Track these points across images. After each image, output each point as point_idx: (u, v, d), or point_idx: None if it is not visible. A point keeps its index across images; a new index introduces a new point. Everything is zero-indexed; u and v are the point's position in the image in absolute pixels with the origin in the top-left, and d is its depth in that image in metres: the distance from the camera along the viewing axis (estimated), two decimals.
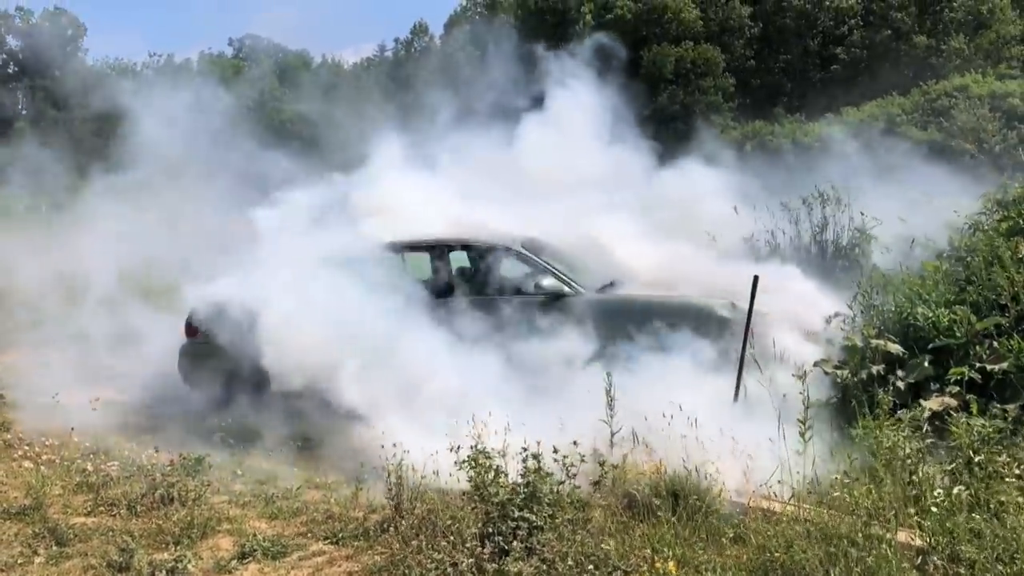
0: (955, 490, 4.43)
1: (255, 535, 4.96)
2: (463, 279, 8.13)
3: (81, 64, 68.78)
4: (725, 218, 10.66)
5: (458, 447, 5.00)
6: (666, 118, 40.92)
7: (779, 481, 5.21)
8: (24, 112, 64.53)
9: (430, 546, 4.45)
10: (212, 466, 6.10)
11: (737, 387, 6.56)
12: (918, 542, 4.44)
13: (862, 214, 10.01)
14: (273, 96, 42.61)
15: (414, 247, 8.29)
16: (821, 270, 9.58)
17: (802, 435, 5.45)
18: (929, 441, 5.40)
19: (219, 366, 8.01)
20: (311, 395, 7.50)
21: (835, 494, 4.64)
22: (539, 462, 4.98)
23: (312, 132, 16.32)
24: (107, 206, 13.98)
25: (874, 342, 6.49)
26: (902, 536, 4.41)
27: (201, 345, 8.16)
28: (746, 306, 6.86)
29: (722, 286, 7.63)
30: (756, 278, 6.74)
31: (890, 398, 5.56)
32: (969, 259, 7.66)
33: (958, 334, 6.54)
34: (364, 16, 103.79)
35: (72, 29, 70.31)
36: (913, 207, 12.86)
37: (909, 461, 5.11)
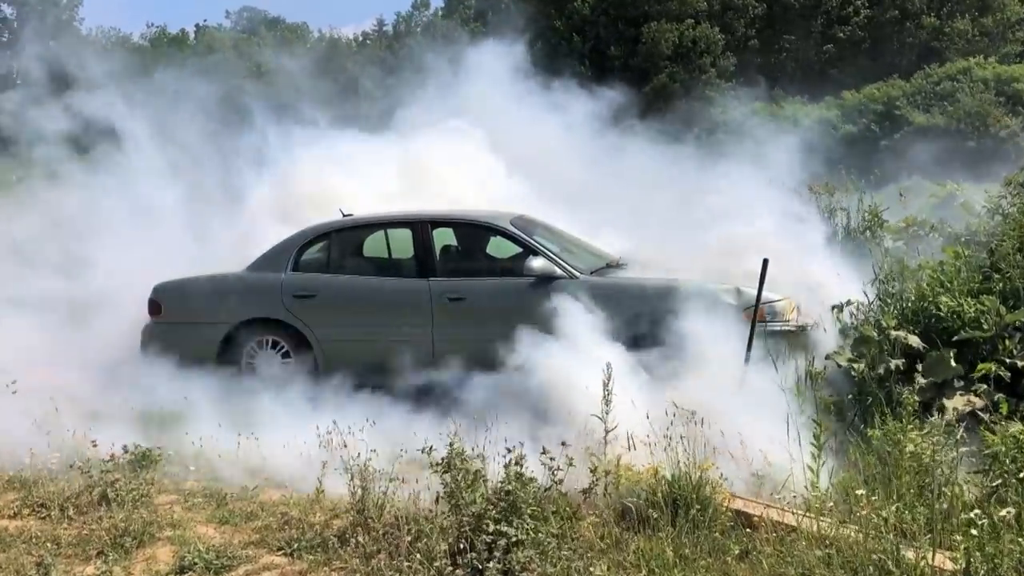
0: (1003, 512, 3.85)
1: (199, 544, 4.37)
2: (447, 259, 7.53)
3: (76, 34, 68.09)
4: (728, 200, 10.13)
5: (430, 447, 4.43)
6: (665, 96, 40.22)
7: (794, 495, 4.65)
8: (19, 82, 63.78)
9: (393, 565, 3.88)
10: (164, 459, 5.51)
11: (749, 349, 6.02)
12: (949, 565, 3.89)
13: (867, 196, 9.46)
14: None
15: (393, 224, 7.70)
16: (829, 255, 9.04)
17: (816, 438, 4.90)
18: (964, 450, 4.84)
19: (185, 345, 7.47)
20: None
21: (860, 511, 4.05)
22: (521, 466, 4.41)
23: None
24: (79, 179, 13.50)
25: (894, 334, 5.91)
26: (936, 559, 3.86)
27: (166, 324, 7.60)
28: (752, 291, 6.32)
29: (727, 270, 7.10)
30: (766, 261, 6.17)
31: (915, 398, 4.99)
32: (994, 245, 7.08)
33: (985, 326, 5.97)
34: None
35: None
36: (920, 191, 12.30)
37: (940, 472, 4.57)
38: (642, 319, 6.58)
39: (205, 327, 7.43)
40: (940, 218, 9.24)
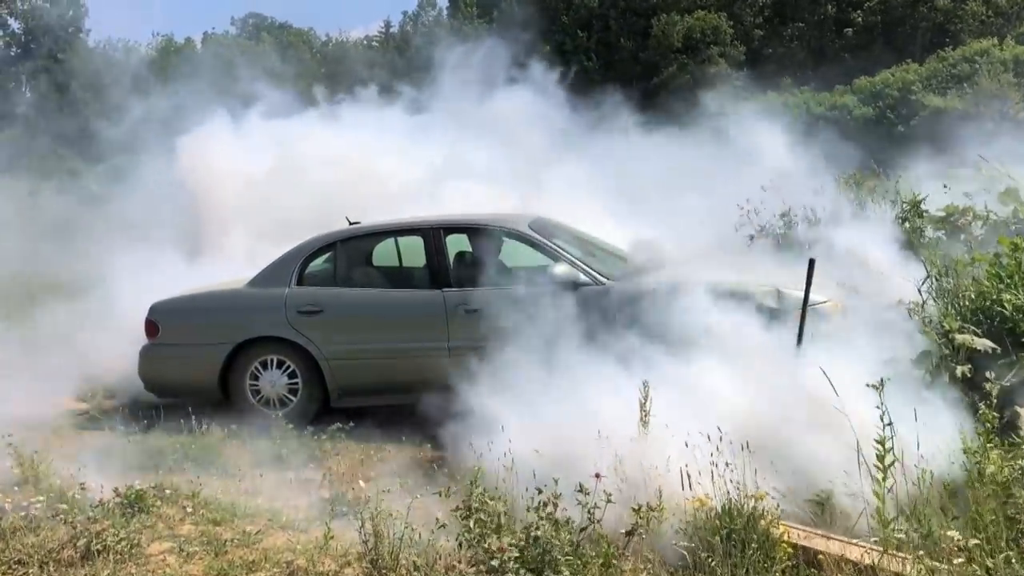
0: None
1: None
2: (462, 267, 7.00)
3: (83, 46, 68.04)
4: (755, 194, 9.60)
5: (448, 489, 3.91)
6: (676, 88, 39.61)
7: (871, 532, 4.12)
8: (28, 95, 63.75)
9: None
10: (159, 501, 5.02)
11: (800, 332, 5.49)
12: None
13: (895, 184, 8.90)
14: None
15: (403, 231, 7.18)
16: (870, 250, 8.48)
17: (880, 459, 4.36)
18: None
19: (184, 368, 7.02)
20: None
21: (956, 561, 3.51)
22: (555, 506, 3.90)
23: None
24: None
25: (959, 337, 5.36)
26: None
27: (164, 346, 7.11)
28: (794, 292, 5.80)
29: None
30: (812, 261, 5.62)
31: (993, 413, 4.44)
32: None
33: None
34: None
35: (73, 10, 69.28)
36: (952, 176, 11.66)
37: None
38: (672, 326, 6.05)
39: (205, 348, 6.93)
40: (984, 205, 8.65)
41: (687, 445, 4.79)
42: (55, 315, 10.91)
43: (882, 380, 4.49)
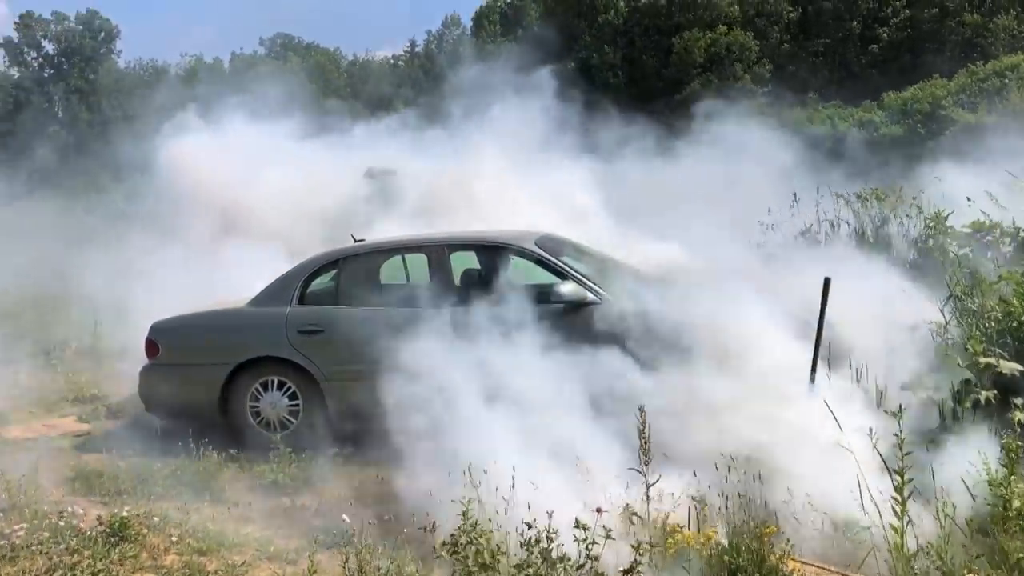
0: None
1: None
2: (466, 285, 6.80)
3: (114, 66, 69.03)
4: (778, 210, 9.39)
5: (432, 525, 3.70)
6: (699, 104, 39.37)
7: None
8: (60, 115, 64.72)
9: None
10: (145, 529, 4.85)
11: (814, 368, 5.22)
12: None
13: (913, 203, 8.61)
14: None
15: (406, 248, 7.01)
16: (888, 267, 8.21)
17: (898, 490, 4.11)
18: None
19: (184, 389, 6.86)
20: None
21: None
22: (550, 541, 3.68)
23: None
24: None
25: (983, 360, 5.08)
26: None
27: (164, 367, 6.97)
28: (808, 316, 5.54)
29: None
30: (827, 280, 5.37)
31: (1018, 443, 4.17)
32: None
33: None
34: (399, 14, 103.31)
35: (105, 31, 70.36)
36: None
37: None
38: (680, 347, 5.82)
39: (205, 368, 6.77)
40: (1012, 221, 8.34)
41: (695, 474, 4.59)
42: (69, 330, 10.91)
43: (900, 407, 4.24)
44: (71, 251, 16.26)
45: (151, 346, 6.96)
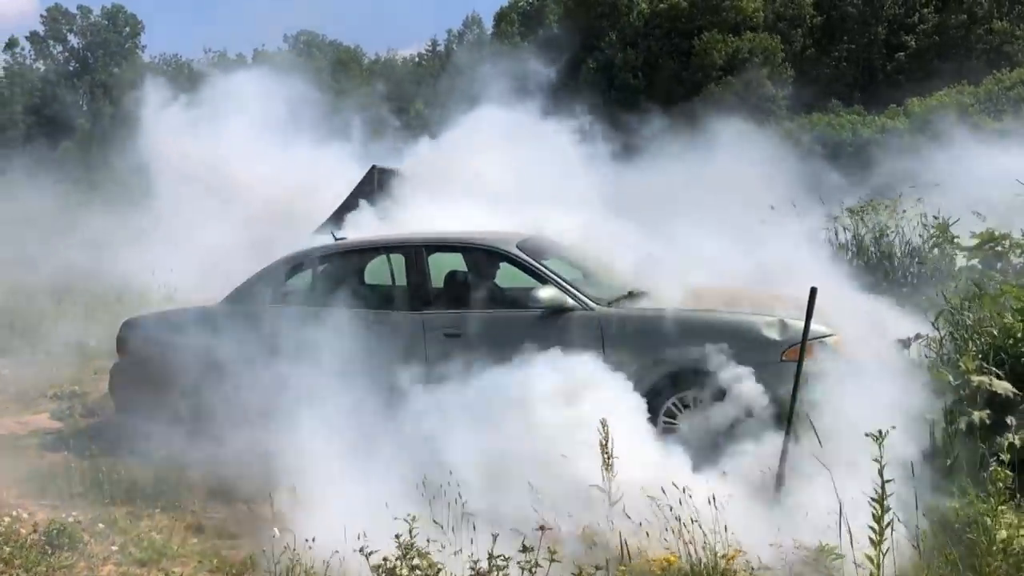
0: None
1: None
2: (444, 288, 6.57)
3: (138, 61, 69.39)
4: (774, 218, 9.07)
5: (366, 551, 3.46)
6: (717, 108, 39.01)
7: None
8: (85, 109, 65.20)
9: None
10: (89, 536, 4.64)
11: (799, 367, 4.87)
12: None
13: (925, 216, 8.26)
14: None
15: (384, 248, 6.79)
16: (886, 278, 7.92)
17: (876, 520, 3.84)
18: None
19: (153, 388, 6.66)
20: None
21: None
22: (498, 568, 3.44)
23: None
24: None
25: (976, 379, 4.78)
26: None
27: (133, 365, 6.78)
28: (800, 324, 5.24)
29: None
30: (814, 290, 5.08)
31: (1007, 471, 3.88)
32: None
33: None
34: (422, 13, 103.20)
35: (130, 26, 70.90)
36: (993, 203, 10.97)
37: None
38: (664, 360, 5.57)
39: (175, 367, 6.56)
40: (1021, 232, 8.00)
41: (664, 492, 4.32)
42: (61, 324, 10.77)
43: (881, 431, 3.96)
44: (78, 243, 16.20)
45: (121, 344, 6.78)
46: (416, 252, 6.40)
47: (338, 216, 9.46)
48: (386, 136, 16.01)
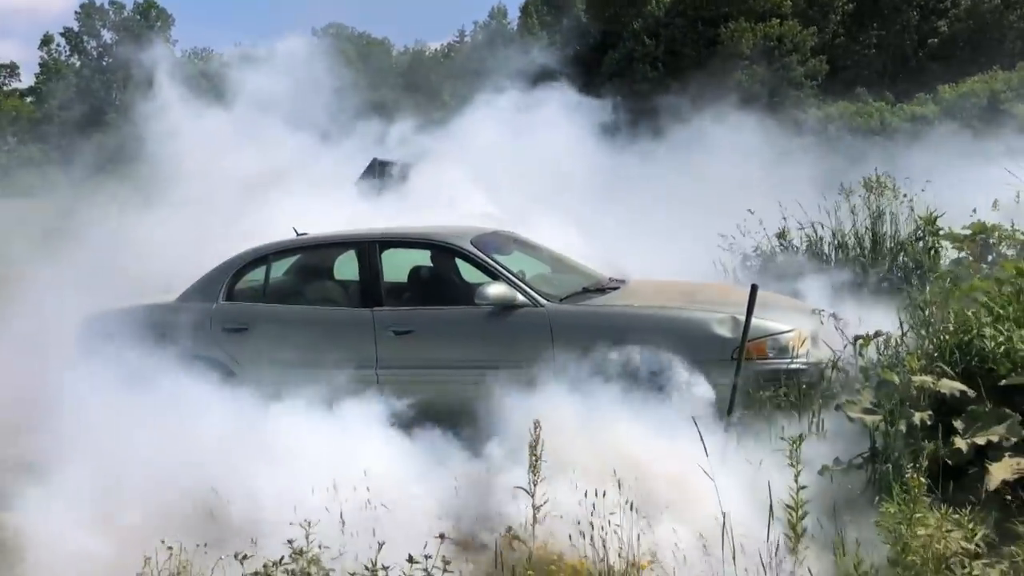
0: None
1: None
2: (397, 284, 6.48)
3: (170, 54, 70.13)
4: (764, 212, 8.86)
5: (242, 555, 3.37)
6: (747, 98, 38.48)
7: None
8: (117, 102, 66.09)
9: None
10: None
11: (730, 409, 4.79)
12: None
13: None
14: None
15: (336, 244, 6.70)
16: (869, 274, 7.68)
17: (793, 527, 3.69)
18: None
19: None
20: None
21: None
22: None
23: None
24: None
25: (917, 379, 4.58)
26: None
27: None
28: (755, 321, 5.10)
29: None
30: (754, 287, 4.94)
31: (922, 479, 3.69)
32: None
33: None
34: (451, 4, 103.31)
35: (161, 20, 71.74)
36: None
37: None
38: (610, 358, 5.43)
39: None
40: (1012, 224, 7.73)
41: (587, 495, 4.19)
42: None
43: (800, 435, 3.81)
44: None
45: (81, 340, 6.75)
46: (369, 248, 6.30)
47: None
48: (407, 126, 15.88)
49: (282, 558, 3.37)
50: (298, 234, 6.99)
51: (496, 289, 5.79)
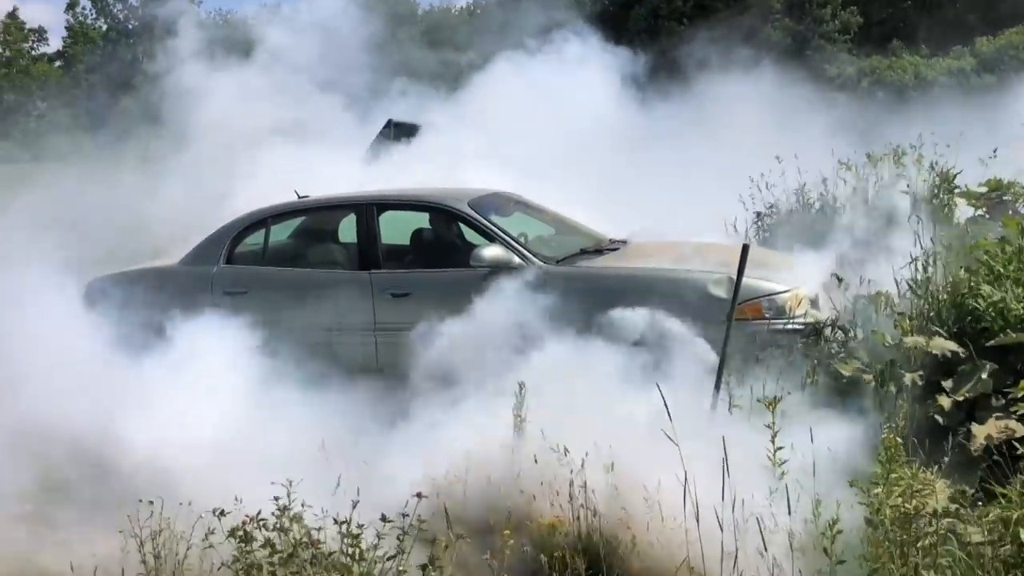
0: None
1: None
2: (396, 247, 6.49)
3: (196, 17, 70.15)
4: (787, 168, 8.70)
5: (220, 511, 3.42)
6: (778, 53, 37.80)
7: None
8: (143, 65, 66.30)
9: None
10: None
11: (717, 387, 4.74)
12: None
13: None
14: None
15: (335, 207, 6.71)
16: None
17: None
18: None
19: None
20: None
21: None
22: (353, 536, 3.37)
23: None
24: None
25: (908, 340, 4.52)
26: None
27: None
28: (752, 282, 5.07)
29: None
30: (746, 247, 4.88)
31: (897, 439, 3.64)
32: None
33: None
34: None
35: None
36: None
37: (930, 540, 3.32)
38: (606, 319, 5.41)
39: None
40: None
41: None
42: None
43: (776, 397, 3.77)
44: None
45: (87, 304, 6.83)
46: (366, 211, 6.30)
47: None
48: (430, 85, 15.68)
49: (259, 512, 3.41)
50: (299, 196, 7.01)
51: (492, 251, 5.78)
